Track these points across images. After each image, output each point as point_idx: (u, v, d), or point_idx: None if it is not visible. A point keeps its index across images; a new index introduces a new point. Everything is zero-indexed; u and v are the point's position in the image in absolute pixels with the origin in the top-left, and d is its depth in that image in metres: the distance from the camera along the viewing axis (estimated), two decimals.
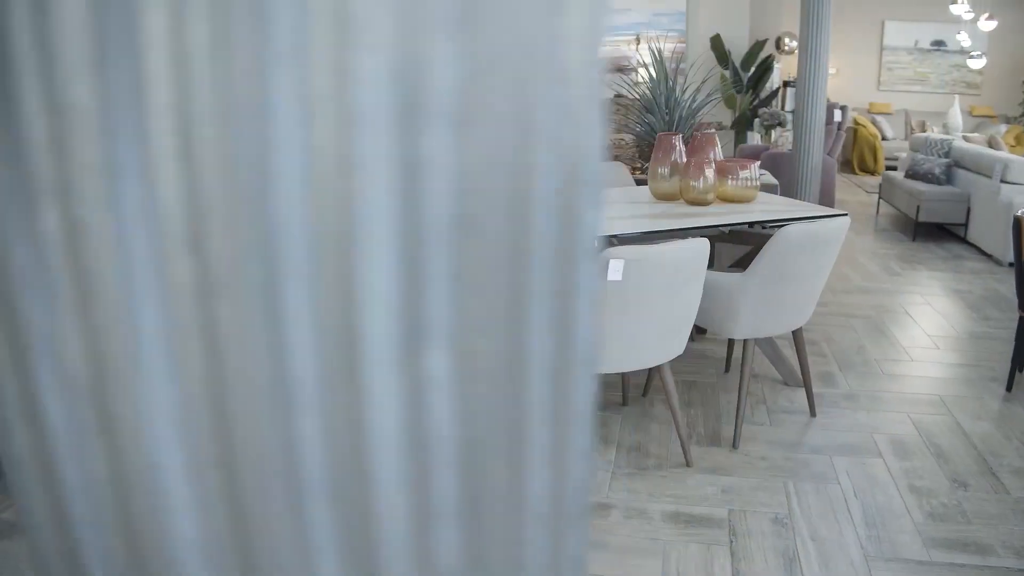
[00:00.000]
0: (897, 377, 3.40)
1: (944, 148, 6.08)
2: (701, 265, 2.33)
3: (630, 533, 2.28)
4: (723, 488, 2.52)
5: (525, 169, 0.24)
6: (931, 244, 5.82)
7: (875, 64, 9.54)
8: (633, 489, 2.52)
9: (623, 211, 3.11)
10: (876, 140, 8.87)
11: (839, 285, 4.78)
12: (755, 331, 2.71)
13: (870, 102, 9.64)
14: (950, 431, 2.89)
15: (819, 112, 5.96)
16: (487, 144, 0.23)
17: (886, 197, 6.71)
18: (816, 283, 2.73)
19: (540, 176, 0.25)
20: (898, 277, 4.96)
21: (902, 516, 2.35)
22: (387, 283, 0.23)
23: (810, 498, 2.45)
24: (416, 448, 0.25)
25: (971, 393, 3.23)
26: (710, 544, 2.22)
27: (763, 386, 3.31)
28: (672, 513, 2.38)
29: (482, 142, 0.23)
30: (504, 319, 0.25)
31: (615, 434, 2.90)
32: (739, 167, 3.16)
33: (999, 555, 2.16)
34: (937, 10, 8.91)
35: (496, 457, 0.26)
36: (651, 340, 2.39)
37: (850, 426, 2.93)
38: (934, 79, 9.36)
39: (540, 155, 0.25)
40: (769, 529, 2.29)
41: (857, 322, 4.11)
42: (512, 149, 0.24)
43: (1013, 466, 2.63)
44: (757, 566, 2.12)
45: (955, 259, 5.40)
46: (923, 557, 2.15)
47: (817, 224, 2.54)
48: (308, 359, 0.23)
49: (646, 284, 2.25)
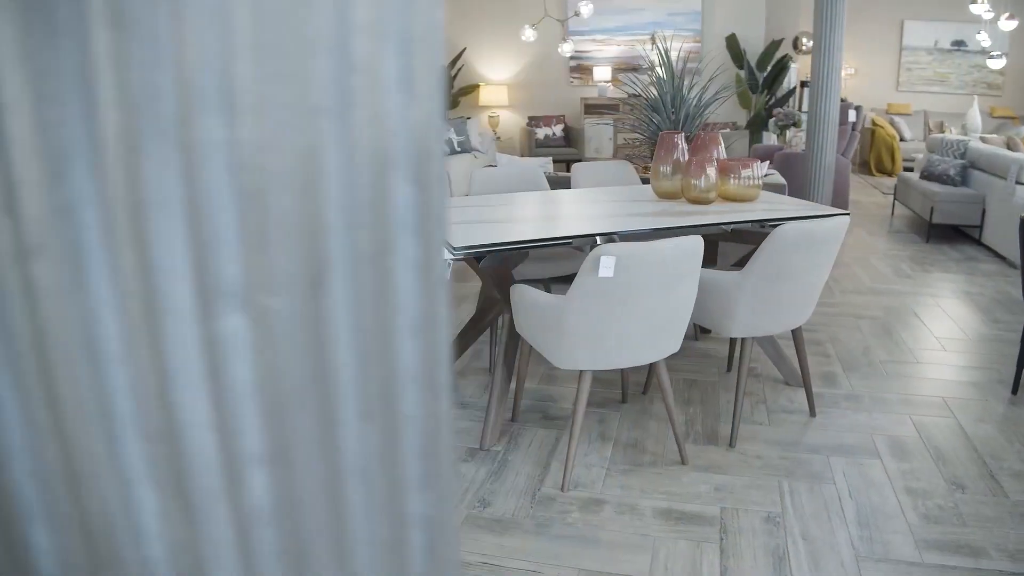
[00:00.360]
0: (901, 378, 3.37)
1: (960, 149, 6.00)
2: (694, 263, 2.33)
3: (620, 529, 2.29)
4: (717, 486, 2.52)
5: (310, 148, 0.27)
6: (945, 246, 5.76)
7: (894, 64, 9.44)
8: (627, 485, 2.52)
9: (624, 209, 3.12)
10: (894, 141, 8.78)
11: (849, 286, 4.75)
12: (753, 330, 2.71)
13: (888, 103, 9.53)
14: (951, 433, 2.87)
15: (832, 112, 5.92)
16: (269, 126, 0.26)
17: (901, 198, 6.64)
18: (815, 282, 2.72)
19: (330, 154, 0.27)
20: (908, 279, 4.91)
21: (896, 517, 2.33)
22: (180, 250, 0.25)
23: (804, 497, 2.44)
24: (220, 397, 0.27)
25: (976, 395, 3.19)
26: (700, 541, 2.22)
27: (764, 386, 3.30)
28: (664, 510, 2.38)
29: (263, 125, 0.25)
30: (301, 283, 0.27)
31: (612, 431, 2.91)
32: (741, 166, 3.16)
33: (992, 558, 2.14)
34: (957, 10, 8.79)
35: (304, 410, 0.29)
36: (644, 337, 2.40)
37: (849, 426, 2.92)
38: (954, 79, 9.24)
39: (327, 135, 0.27)
40: (760, 527, 2.29)
41: (864, 323, 4.08)
42: (298, 131, 0.26)
43: (1013, 469, 2.61)
44: (746, 564, 2.12)
45: (968, 261, 5.33)
46: (915, 558, 2.14)
47: (813, 223, 2.53)
48: (113, 317, 0.26)
49: (638, 281, 2.26)
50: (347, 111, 0.27)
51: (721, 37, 8.54)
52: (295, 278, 0.27)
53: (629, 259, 2.21)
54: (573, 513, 2.37)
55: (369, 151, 0.28)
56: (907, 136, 9.08)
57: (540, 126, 8.96)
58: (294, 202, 0.27)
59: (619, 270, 2.21)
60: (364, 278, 0.29)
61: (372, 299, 0.30)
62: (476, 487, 2.52)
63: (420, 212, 0.32)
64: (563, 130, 9.05)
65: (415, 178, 0.31)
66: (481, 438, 2.80)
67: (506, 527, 2.30)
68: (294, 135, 0.26)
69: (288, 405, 0.29)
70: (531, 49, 9.11)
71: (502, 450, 2.77)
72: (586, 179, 3.95)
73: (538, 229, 2.74)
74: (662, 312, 2.37)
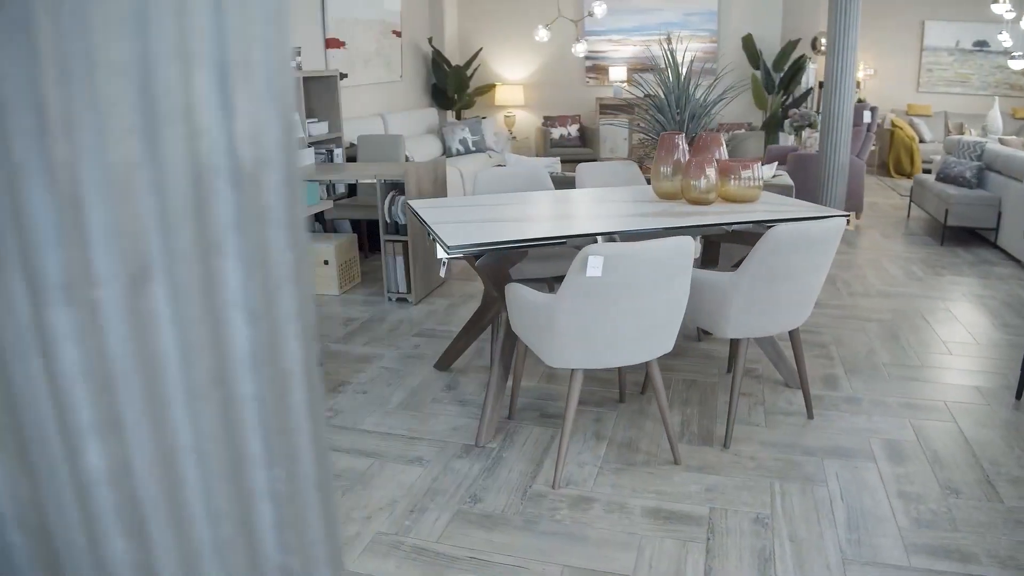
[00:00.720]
0: (904, 382, 3.34)
1: (976, 151, 5.92)
2: (684, 263, 2.34)
3: (608, 527, 2.30)
4: (708, 487, 2.52)
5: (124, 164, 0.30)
6: (959, 249, 5.68)
7: (914, 65, 9.32)
8: (618, 484, 2.54)
9: (623, 210, 3.13)
10: (913, 143, 8.67)
11: (858, 288, 4.71)
12: (748, 330, 2.71)
13: (909, 104, 9.41)
14: (951, 438, 2.84)
15: (846, 113, 5.87)
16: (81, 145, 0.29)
17: (917, 200, 6.56)
18: (811, 283, 2.71)
19: (144, 168, 0.31)
20: (919, 282, 4.86)
21: (887, 521, 2.32)
22: (12, 251, 0.29)
23: (795, 499, 2.44)
24: (54, 375, 0.31)
25: (979, 400, 3.16)
26: (686, 541, 2.23)
27: (764, 387, 3.29)
28: (653, 509, 2.39)
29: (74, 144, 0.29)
30: (123, 278, 0.31)
31: (608, 430, 2.92)
32: (741, 167, 3.15)
33: (982, 563, 2.13)
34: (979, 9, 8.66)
35: (130, 389, 0.32)
36: (636, 337, 2.41)
37: (847, 429, 2.90)
38: (976, 80, 9.09)
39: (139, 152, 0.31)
40: (749, 528, 2.29)
41: (871, 326, 4.05)
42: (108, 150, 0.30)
43: (1011, 475, 2.58)
44: (731, 564, 2.13)
45: (982, 264, 5.26)
46: (902, 562, 2.13)
47: (807, 224, 2.52)
48: None
49: (627, 281, 2.28)
50: (157, 130, 0.30)
51: (737, 37, 8.49)
52: (117, 274, 0.31)
53: (618, 259, 2.22)
54: (562, 510, 2.39)
55: (186, 163, 0.32)
56: (927, 138, 8.96)
57: (555, 126, 8.97)
58: (112, 209, 0.30)
59: (608, 270, 2.22)
60: (189, 274, 0.32)
61: (200, 292, 0.33)
62: (469, 483, 2.55)
63: (248, 214, 0.35)
64: (578, 130, 9.06)
65: (240, 184, 0.34)
66: (477, 435, 2.82)
67: (495, 523, 2.33)
68: (105, 153, 0.29)
69: (115, 384, 0.32)
70: (547, 49, 9.13)
71: (497, 447, 2.80)
72: (591, 179, 3.97)
73: (534, 229, 2.77)
74: (653, 312, 2.38)
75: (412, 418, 3.03)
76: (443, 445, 2.81)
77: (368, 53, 7.03)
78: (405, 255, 4.40)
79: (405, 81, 7.91)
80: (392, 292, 4.50)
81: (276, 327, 0.38)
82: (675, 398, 3.19)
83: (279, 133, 0.37)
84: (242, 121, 0.34)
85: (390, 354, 3.71)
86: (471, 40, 9.29)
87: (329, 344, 3.86)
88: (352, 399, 3.21)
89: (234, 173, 0.34)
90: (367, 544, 2.23)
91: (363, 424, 2.99)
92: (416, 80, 8.22)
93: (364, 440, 2.86)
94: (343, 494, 2.49)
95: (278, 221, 0.37)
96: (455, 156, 7.60)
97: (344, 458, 2.72)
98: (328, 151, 5.28)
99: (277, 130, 0.36)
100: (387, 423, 2.99)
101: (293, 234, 0.39)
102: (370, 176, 4.45)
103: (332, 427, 2.97)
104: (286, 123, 0.37)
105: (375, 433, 2.91)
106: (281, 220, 0.37)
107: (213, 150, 0.33)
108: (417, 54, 8.21)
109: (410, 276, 4.42)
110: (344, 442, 2.84)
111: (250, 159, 0.34)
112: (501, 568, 2.12)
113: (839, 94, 5.84)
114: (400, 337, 3.94)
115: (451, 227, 2.80)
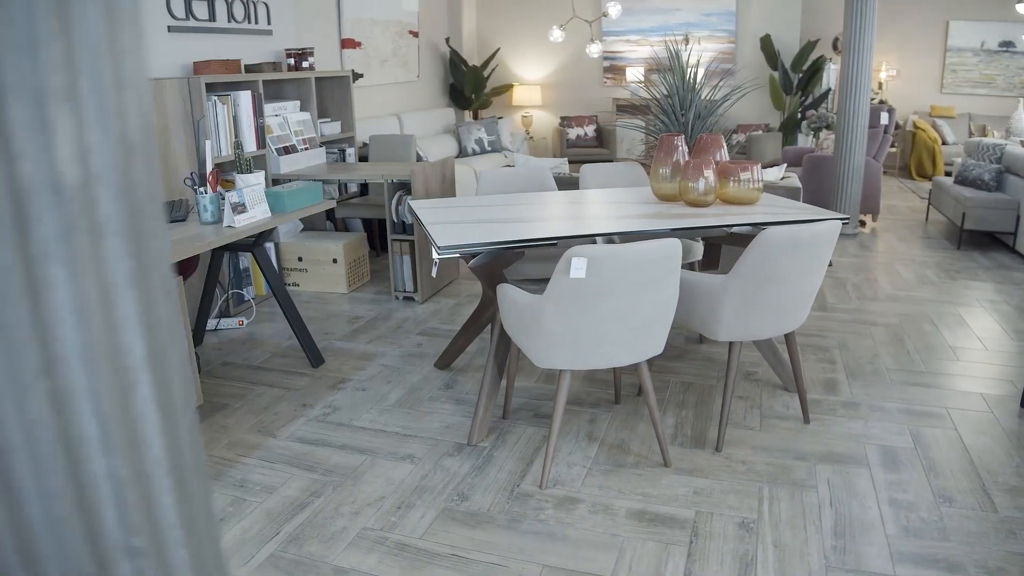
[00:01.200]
0: (906, 387, 3.30)
1: (996, 153, 5.81)
2: (671, 265, 2.34)
3: (591, 527, 2.31)
4: (696, 490, 2.52)
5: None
6: (976, 253, 5.58)
7: (938, 66, 9.15)
8: (605, 485, 2.55)
9: (621, 211, 3.13)
10: (935, 144, 8.52)
11: (867, 292, 4.66)
12: (740, 333, 2.70)
13: (932, 105, 9.25)
14: (949, 445, 2.81)
15: (862, 114, 5.80)
16: None
17: (935, 203, 6.45)
18: (805, 286, 2.69)
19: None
20: (932, 286, 4.78)
21: (875, 528, 2.30)
22: None
23: (783, 505, 2.43)
24: None
25: (983, 408, 3.11)
26: (668, 543, 2.23)
27: (762, 391, 3.27)
28: (638, 511, 2.40)
29: None
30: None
31: (600, 431, 2.93)
32: (740, 169, 3.14)
33: (969, 574, 2.10)
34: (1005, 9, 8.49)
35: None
36: (623, 339, 2.42)
37: (842, 435, 2.88)
38: (1001, 81, 8.91)
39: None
40: (733, 533, 2.29)
41: (877, 330, 4.00)
42: None
43: (1008, 484, 2.54)
44: (711, 568, 2.13)
45: (999, 269, 5.17)
46: (887, 571, 2.11)
47: (799, 227, 2.51)
48: None
49: (612, 283, 2.28)
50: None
51: (756, 38, 8.42)
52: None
53: (602, 261, 2.23)
54: (547, 510, 2.40)
55: (5, 185, 0.35)
56: (949, 139, 8.80)
57: (572, 126, 8.97)
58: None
59: (593, 272, 2.23)
60: (13, 282, 0.36)
61: (26, 298, 0.37)
62: (458, 481, 2.58)
63: (77, 226, 0.38)
64: (595, 130, 9.04)
65: (65, 200, 0.37)
66: (469, 434, 2.85)
67: (479, 521, 2.35)
68: None
69: None
70: (565, 49, 9.12)
71: (489, 446, 2.82)
72: (595, 180, 3.97)
73: (528, 230, 2.78)
74: (640, 314, 2.38)
75: (407, 416, 3.07)
76: (435, 443, 2.84)
77: (385, 53, 7.08)
78: (412, 254, 4.44)
79: (423, 81, 7.96)
80: (399, 291, 4.54)
81: (114, 326, 0.40)
82: (671, 400, 3.19)
83: (113, 151, 0.39)
84: (64, 145, 0.37)
85: (392, 352, 3.75)
86: (489, 40, 9.32)
87: (333, 341, 3.90)
88: (351, 396, 3.25)
89: (58, 191, 0.37)
90: (352, 539, 2.26)
91: (359, 421, 3.03)
92: (434, 80, 8.26)
93: (358, 436, 2.90)
94: (333, 489, 2.53)
95: (115, 231, 0.40)
96: (471, 156, 7.63)
97: (337, 454, 2.76)
98: (340, 150, 5.34)
99: (108, 149, 0.39)
100: (382, 420, 3.03)
101: (134, 243, 0.41)
102: (378, 176, 4.49)
103: (328, 423, 3.01)
104: (122, 142, 0.40)
105: (369, 430, 2.95)
106: (119, 230, 0.40)
107: (35, 172, 0.37)
108: (435, 54, 8.26)
109: (416, 275, 4.46)
110: (338, 438, 2.88)
111: (76, 177, 0.38)
112: (481, 566, 2.14)
113: (855, 95, 5.77)
114: (403, 335, 3.98)
115: (446, 227, 2.83)
